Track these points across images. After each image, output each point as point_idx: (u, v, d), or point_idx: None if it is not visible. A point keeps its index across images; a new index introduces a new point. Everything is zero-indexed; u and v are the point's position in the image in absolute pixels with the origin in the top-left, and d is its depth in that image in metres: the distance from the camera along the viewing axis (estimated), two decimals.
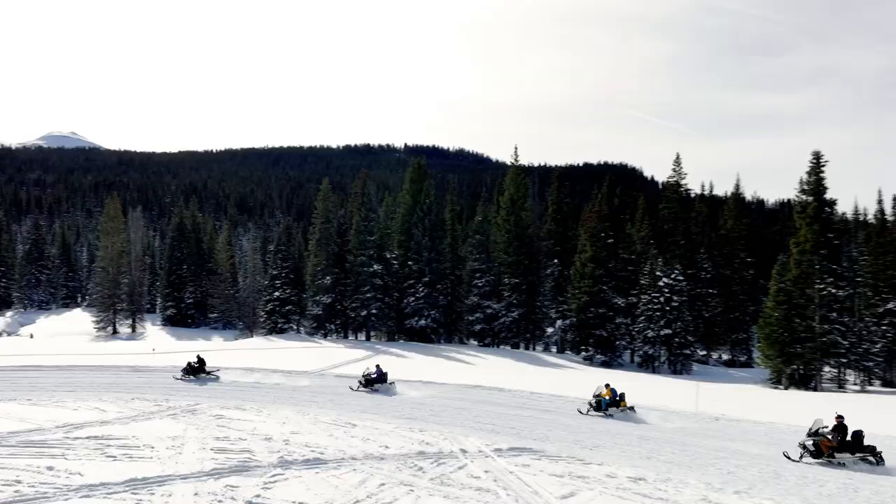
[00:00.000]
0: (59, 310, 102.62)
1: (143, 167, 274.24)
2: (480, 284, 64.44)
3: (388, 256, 67.35)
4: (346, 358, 47.92)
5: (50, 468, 15.13)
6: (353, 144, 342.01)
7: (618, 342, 57.86)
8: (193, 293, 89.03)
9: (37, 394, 29.56)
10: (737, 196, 76.50)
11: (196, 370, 34.38)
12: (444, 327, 67.04)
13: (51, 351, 48.17)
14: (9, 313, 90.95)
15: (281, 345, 61.41)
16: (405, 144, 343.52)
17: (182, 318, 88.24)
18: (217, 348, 57.63)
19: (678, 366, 54.93)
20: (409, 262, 65.82)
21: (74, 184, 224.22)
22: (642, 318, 55.17)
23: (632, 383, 38.25)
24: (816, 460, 19.24)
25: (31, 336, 68.47)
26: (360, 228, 65.62)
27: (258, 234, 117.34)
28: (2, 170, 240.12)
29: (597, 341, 56.90)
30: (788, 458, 19.56)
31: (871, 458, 18.92)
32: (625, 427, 25.12)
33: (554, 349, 65.84)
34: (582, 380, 41.65)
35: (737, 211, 71.00)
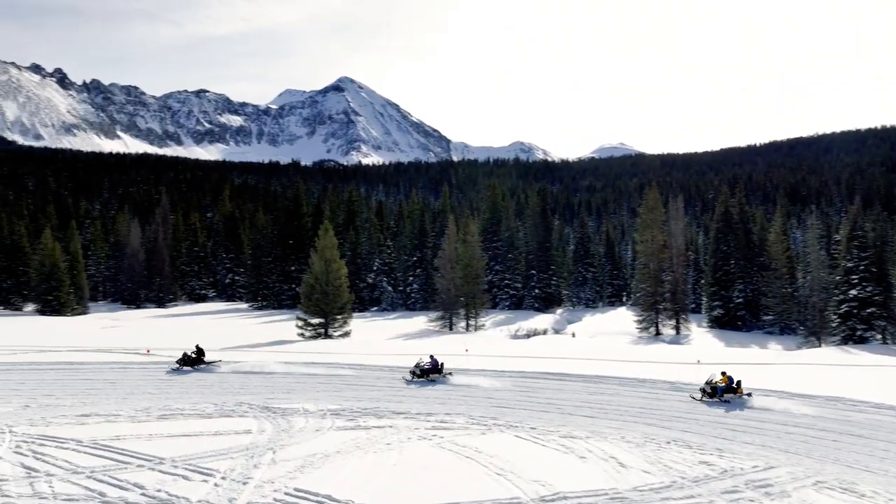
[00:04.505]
0: (604, 308, 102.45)
1: (685, 166, 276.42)
2: None
3: None
4: None
5: None
6: None
7: None
8: (743, 291, 77.95)
9: (549, 417, 22.97)
10: None
11: (193, 361, 32.29)
12: None
13: (585, 354, 43.10)
14: (558, 311, 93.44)
15: (863, 360, 46.27)
16: None
17: (731, 320, 77.89)
18: (771, 361, 45.71)
19: None
20: None
21: (620, 187, 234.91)
22: None
23: None
24: None
25: (573, 335, 66.42)
26: None
27: (817, 224, 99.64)
28: (559, 180, 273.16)
29: None
30: None
31: None
32: None
33: None
34: None
35: None
